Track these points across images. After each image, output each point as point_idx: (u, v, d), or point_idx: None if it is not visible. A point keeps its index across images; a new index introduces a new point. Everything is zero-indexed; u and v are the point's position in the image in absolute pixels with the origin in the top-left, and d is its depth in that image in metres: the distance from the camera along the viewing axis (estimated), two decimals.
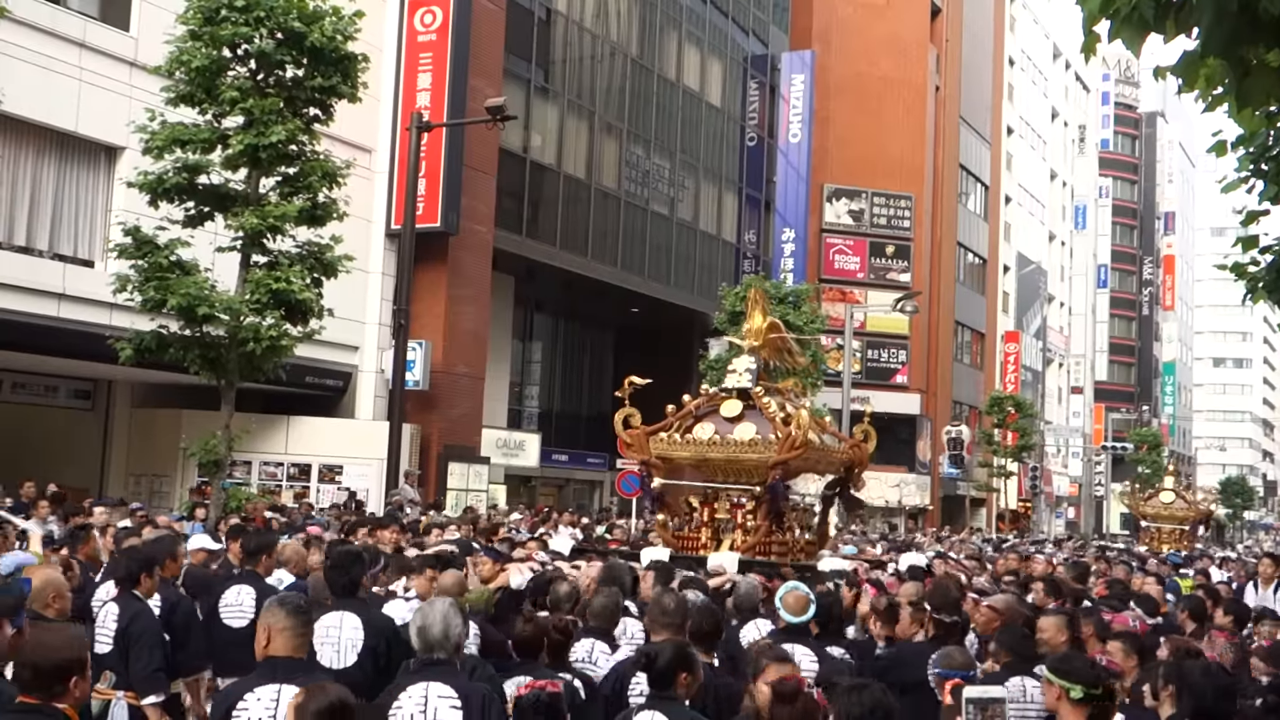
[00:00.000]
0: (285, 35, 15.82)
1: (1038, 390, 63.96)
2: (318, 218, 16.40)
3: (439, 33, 25.62)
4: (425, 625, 5.23)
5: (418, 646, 5.28)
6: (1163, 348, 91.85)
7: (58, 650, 4.20)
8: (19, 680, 4.22)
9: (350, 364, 25.21)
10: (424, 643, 5.23)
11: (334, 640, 6.51)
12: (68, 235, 20.26)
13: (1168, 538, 26.43)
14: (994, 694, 4.74)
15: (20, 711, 4.17)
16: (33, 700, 4.15)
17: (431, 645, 5.20)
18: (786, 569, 10.16)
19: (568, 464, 35.16)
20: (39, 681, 4.14)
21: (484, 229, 27.31)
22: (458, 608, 5.50)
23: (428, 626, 5.22)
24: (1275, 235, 10.81)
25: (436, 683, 5.08)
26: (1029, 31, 65.63)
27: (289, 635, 4.84)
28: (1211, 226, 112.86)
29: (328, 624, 6.52)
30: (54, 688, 4.15)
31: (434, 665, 5.17)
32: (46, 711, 4.14)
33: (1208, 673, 5.22)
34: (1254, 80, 4.70)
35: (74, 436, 23.26)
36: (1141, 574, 13.61)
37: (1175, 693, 5.40)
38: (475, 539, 12.76)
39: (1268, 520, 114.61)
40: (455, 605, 5.51)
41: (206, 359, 15.87)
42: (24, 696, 4.19)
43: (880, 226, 47.21)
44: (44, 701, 4.14)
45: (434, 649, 5.20)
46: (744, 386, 11.81)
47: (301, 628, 4.89)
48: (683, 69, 37.23)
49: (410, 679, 5.21)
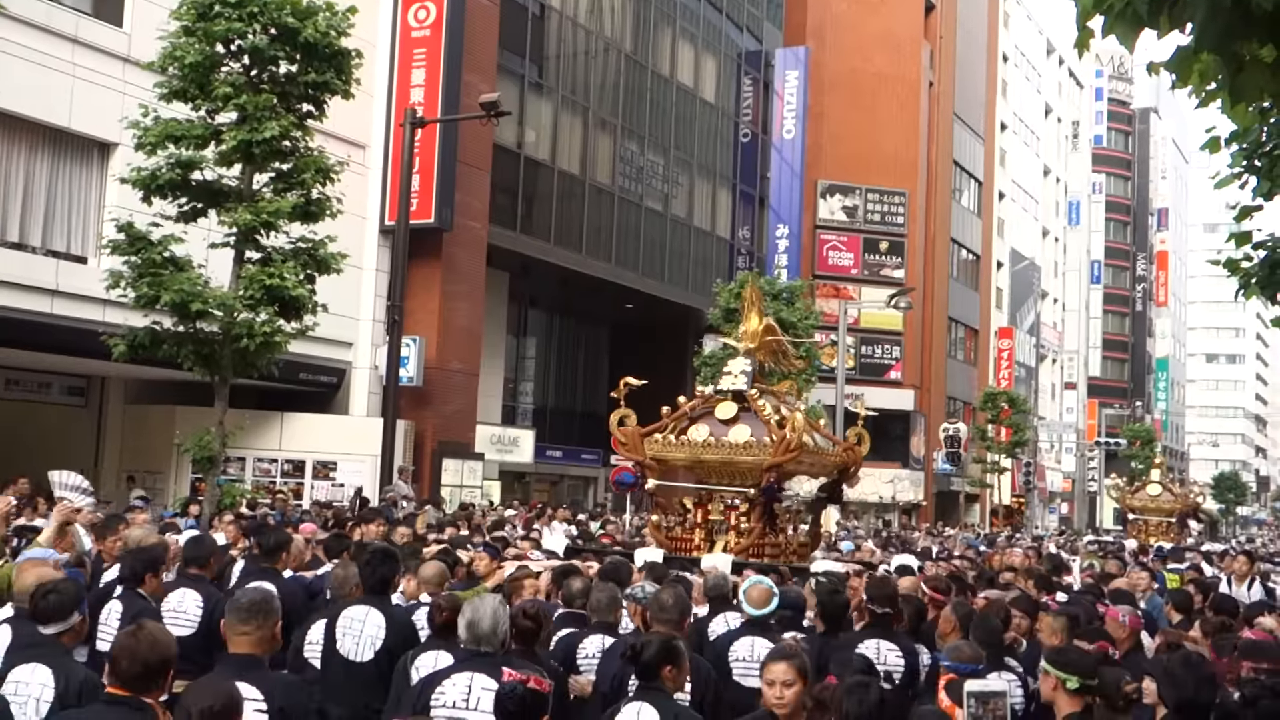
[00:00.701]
0: (279, 31, 15.79)
1: (1031, 386, 64.07)
2: (311, 214, 16.38)
3: (433, 28, 25.60)
4: (475, 619, 5.38)
5: (465, 639, 5.42)
6: (1156, 343, 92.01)
7: (166, 646, 4.30)
8: (119, 674, 4.24)
9: (344, 360, 25.19)
10: (472, 636, 5.37)
11: (355, 633, 6.62)
12: (61, 231, 20.22)
13: (1155, 530, 26.60)
14: (994, 688, 4.80)
15: (110, 703, 4.24)
16: (124, 693, 4.21)
17: (480, 638, 5.36)
18: (783, 569, 10.17)
19: (562, 460, 35.17)
20: (145, 675, 4.21)
21: (478, 225, 27.29)
22: (506, 605, 5.66)
23: (478, 620, 5.37)
24: (1268, 231, 10.83)
25: (481, 674, 5.26)
26: (1022, 27, 65.69)
27: (243, 635, 4.87)
28: (1205, 222, 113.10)
29: (352, 615, 6.65)
30: (154, 682, 4.24)
31: (480, 657, 5.32)
32: (136, 705, 4.20)
33: (1188, 663, 5.24)
34: (1247, 76, 4.70)
35: (67, 433, 23.22)
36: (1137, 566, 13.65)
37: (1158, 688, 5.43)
38: (471, 537, 12.77)
39: (1260, 516, 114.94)
40: (504, 602, 5.69)
41: (200, 355, 15.84)
42: (114, 688, 4.24)
43: (874, 222, 47.26)
44: (134, 695, 4.21)
45: (481, 642, 5.36)
46: (739, 389, 11.82)
47: (255, 628, 4.88)
48: (677, 65, 37.22)
49: (456, 668, 5.39)
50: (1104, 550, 23.59)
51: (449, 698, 5.26)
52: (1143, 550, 21.45)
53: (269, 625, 4.93)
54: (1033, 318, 66.12)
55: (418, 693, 5.42)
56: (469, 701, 5.22)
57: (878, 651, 6.86)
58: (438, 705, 5.24)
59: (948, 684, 5.70)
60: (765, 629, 7.02)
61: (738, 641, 6.97)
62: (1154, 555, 18.83)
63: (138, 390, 23.84)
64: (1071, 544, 28.77)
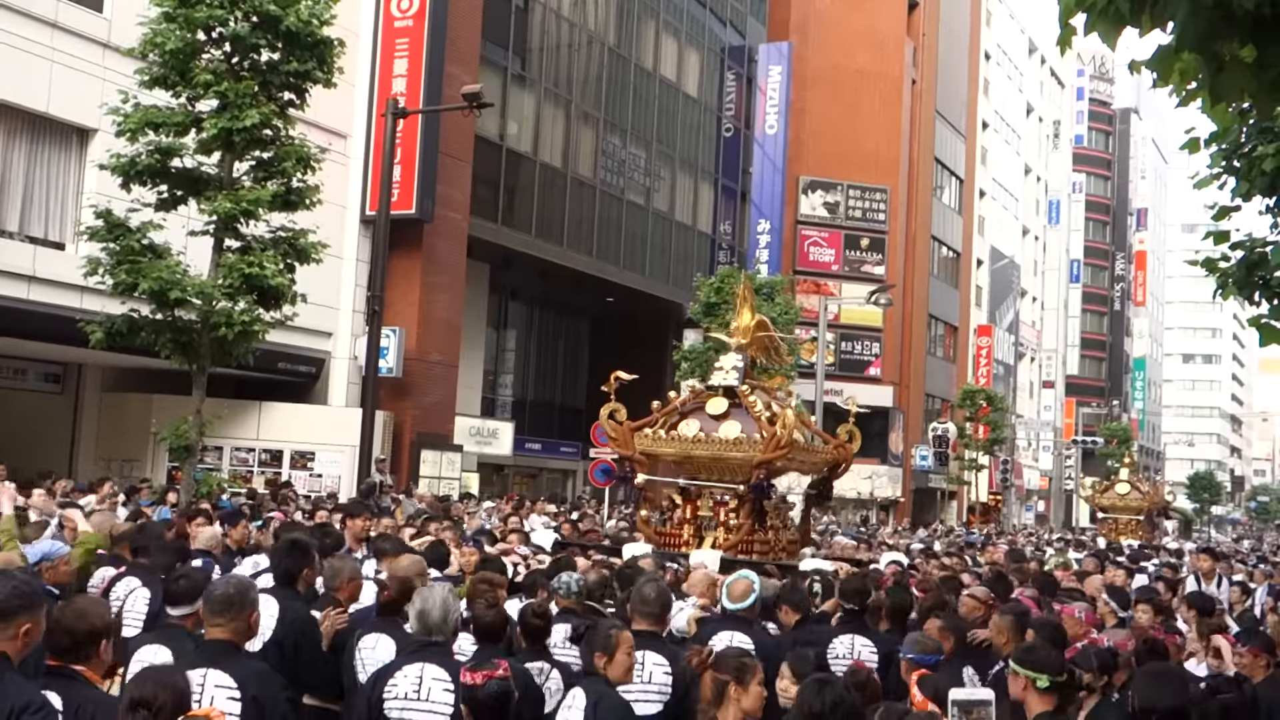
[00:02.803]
0: (260, 19, 15.73)
1: (1009, 384, 64.32)
2: (291, 203, 16.34)
3: (415, 18, 25.51)
4: (425, 609, 5.37)
5: (415, 629, 5.42)
6: (1133, 343, 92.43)
7: (95, 618, 4.40)
8: (50, 646, 4.36)
9: (323, 350, 25.10)
10: (423, 625, 5.37)
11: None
12: (38, 217, 20.08)
13: (1125, 528, 26.83)
14: (979, 696, 4.80)
15: (47, 674, 4.34)
16: (56, 663, 4.33)
17: (430, 628, 5.35)
18: (770, 567, 10.17)
19: (541, 453, 35.13)
20: (73, 646, 4.32)
21: (459, 216, 27.23)
22: (456, 594, 5.62)
23: (428, 610, 5.36)
24: (1246, 231, 10.91)
25: (432, 664, 5.26)
26: (1005, 26, 65.88)
27: (217, 626, 4.89)
28: (1183, 223, 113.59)
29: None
30: (83, 652, 4.33)
31: (430, 647, 5.31)
32: (66, 674, 4.30)
33: (1162, 675, 5.30)
34: (1227, 76, 4.72)
35: (43, 420, 23.10)
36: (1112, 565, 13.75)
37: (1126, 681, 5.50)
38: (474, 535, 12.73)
39: (1235, 515, 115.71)
40: (454, 591, 5.65)
41: (178, 343, 15.78)
42: (53, 660, 4.35)
43: (855, 219, 47.34)
44: (65, 665, 4.31)
45: (432, 632, 5.35)
46: (730, 384, 11.75)
47: (228, 620, 4.88)
48: (660, 59, 37.20)
49: (407, 659, 5.38)
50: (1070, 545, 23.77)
51: (400, 689, 5.26)
52: (1110, 548, 21.64)
53: (243, 616, 4.93)
54: (1012, 316, 66.37)
55: (370, 687, 5.40)
56: (420, 692, 5.23)
57: (851, 647, 6.88)
58: (390, 698, 5.24)
59: (920, 679, 5.72)
60: (743, 623, 7.01)
61: (715, 636, 6.92)
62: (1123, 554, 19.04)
63: (115, 378, 23.72)
64: (1039, 543, 28.85)
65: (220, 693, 4.70)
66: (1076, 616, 7.56)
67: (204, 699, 4.64)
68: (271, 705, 4.79)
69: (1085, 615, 7.67)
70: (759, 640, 6.87)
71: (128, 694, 3.97)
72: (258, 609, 5.08)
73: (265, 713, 4.73)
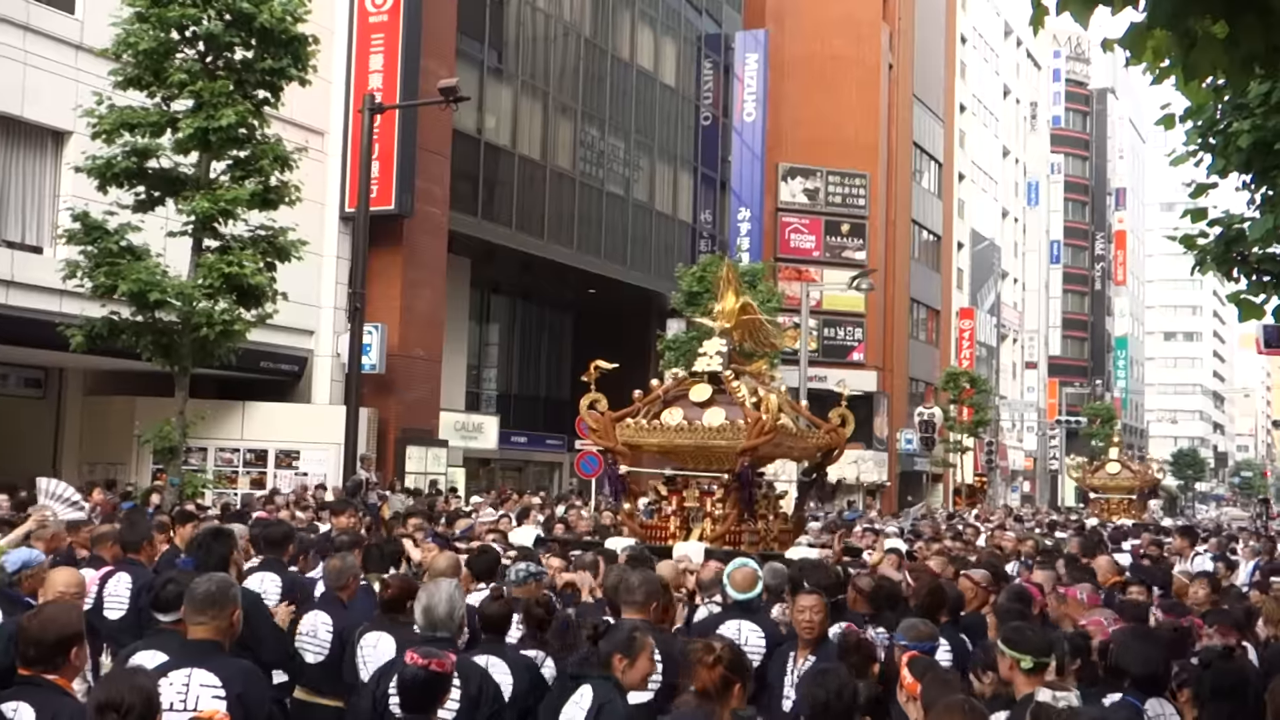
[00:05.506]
0: (234, 17, 15.66)
1: (992, 366, 64.50)
2: (270, 201, 16.29)
3: (390, 13, 25.42)
4: (431, 604, 5.40)
5: (421, 624, 5.44)
6: (1115, 322, 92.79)
7: (64, 625, 4.38)
8: (21, 656, 4.33)
9: (305, 348, 25.04)
10: (428, 621, 5.40)
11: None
12: (15, 221, 19.95)
13: (1117, 508, 26.93)
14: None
15: (19, 684, 4.30)
16: (27, 672, 4.30)
17: (435, 623, 5.39)
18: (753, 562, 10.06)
19: (527, 446, 35.11)
20: (41, 656, 4.30)
21: (438, 211, 27.16)
22: (462, 590, 5.67)
23: (433, 605, 5.40)
24: (1223, 208, 10.95)
25: None
26: (980, 9, 65.93)
27: (200, 625, 4.86)
28: (1161, 202, 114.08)
29: None
30: (53, 660, 4.31)
31: (435, 642, 5.30)
32: (36, 683, 4.27)
33: (1144, 638, 5.35)
34: (1200, 52, 4.71)
35: (25, 425, 22.96)
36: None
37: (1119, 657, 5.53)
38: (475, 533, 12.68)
39: (1219, 491, 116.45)
40: (460, 587, 5.68)
41: (159, 345, 15.74)
42: (23, 669, 4.32)
43: (835, 205, 47.38)
44: (36, 674, 4.28)
45: (437, 628, 5.39)
46: (714, 370, 11.19)
47: (210, 618, 4.85)
48: (636, 49, 37.14)
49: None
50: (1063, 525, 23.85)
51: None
52: (1104, 528, 21.72)
53: (225, 615, 4.89)
54: (993, 298, 66.52)
55: (375, 683, 5.38)
56: None
57: (738, 631, 6.79)
58: (395, 694, 5.17)
59: (910, 661, 5.74)
60: (750, 612, 6.97)
61: (723, 626, 6.84)
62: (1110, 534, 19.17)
63: (97, 381, 23.61)
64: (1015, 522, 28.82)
65: (205, 692, 4.62)
66: (1079, 598, 7.53)
67: (189, 699, 4.59)
68: (257, 704, 4.75)
69: (1088, 597, 7.62)
70: (769, 631, 6.85)
71: (95, 697, 3.94)
72: (240, 606, 5.03)
73: (250, 711, 4.67)
